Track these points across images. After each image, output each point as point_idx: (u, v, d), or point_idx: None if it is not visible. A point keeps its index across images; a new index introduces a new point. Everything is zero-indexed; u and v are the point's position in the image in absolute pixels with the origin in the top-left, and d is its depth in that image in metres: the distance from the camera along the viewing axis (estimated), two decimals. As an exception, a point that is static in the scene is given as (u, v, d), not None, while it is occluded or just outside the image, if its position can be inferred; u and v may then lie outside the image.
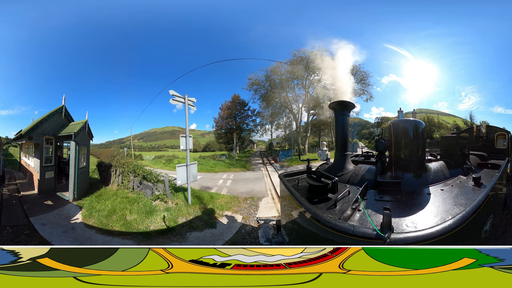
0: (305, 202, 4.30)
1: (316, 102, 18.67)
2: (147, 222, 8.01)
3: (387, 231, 3.11)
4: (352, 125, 12.37)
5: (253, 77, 18.59)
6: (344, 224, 3.46)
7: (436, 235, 3.04)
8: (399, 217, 3.71)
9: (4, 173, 10.83)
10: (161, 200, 9.03)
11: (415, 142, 5.13)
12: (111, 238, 7.31)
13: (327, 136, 21.70)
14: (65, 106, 10.11)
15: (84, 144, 10.13)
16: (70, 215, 8.22)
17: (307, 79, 18.07)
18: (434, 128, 18.87)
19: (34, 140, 9.30)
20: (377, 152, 5.52)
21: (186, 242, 7.32)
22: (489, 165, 6.47)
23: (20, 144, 12.16)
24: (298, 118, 19.99)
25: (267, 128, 22.33)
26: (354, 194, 4.58)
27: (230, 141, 21.13)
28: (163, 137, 26.78)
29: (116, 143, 20.69)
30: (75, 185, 9.28)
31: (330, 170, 6.30)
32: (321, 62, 13.49)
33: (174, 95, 8.91)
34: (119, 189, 10.20)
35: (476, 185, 4.68)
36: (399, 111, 6.41)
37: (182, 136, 9.12)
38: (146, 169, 10.49)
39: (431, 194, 4.48)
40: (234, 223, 8.59)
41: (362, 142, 22.96)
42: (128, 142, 20.38)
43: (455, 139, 6.25)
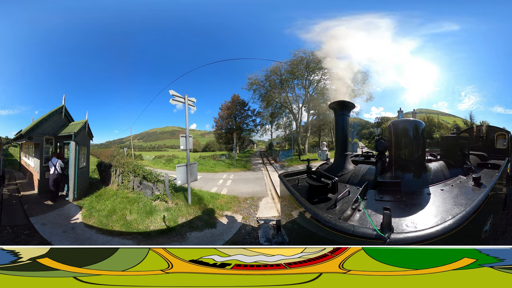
0: (305, 202, 4.30)
1: (317, 103, 18.69)
2: (147, 222, 8.01)
3: (387, 231, 3.10)
4: (352, 125, 12.36)
5: (253, 77, 18.60)
6: (344, 224, 3.46)
7: (436, 235, 3.04)
8: (399, 217, 3.71)
9: (4, 173, 10.83)
10: (161, 200, 9.03)
11: (415, 142, 5.13)
12: (111, 238, 7.31)
13: (327, 136, 21.69)
14: (65, 106, 10.12)
15: (84, 144, 10.13)
16: (70, 215, 8.21)
17: (307, 79, 18.08)
18: (434, 128, 18.86)
19: (34, 140, 9.30)
20: (377, 152, 5.52)
21: (186, 242, 7.32)
22: (489, 165, 6.47)
23: (20, 144, 12.16)
24: (298, 118, 20.00)
25: (267, 128, 22.33)
26: (354, 194, 4.58)
27: (230, 141, 21.13)
28: (163, 137, 26.76)
29: (116, 143, 20.68)
30: (75, 185, 9.28)
31: (330, 170, 6.30)
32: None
33: (174, 95, 8.91)
34: (119, 189, 10.20)
35: (476, 185, 4.68)
36: (399, 111, 6.40)
37: (182, 136, 9.12)
38: (146, 169, 10.50)
39: (431, 194, 4.48)
40: (234, 223, 8.59)
41: (362, 142, 22.95)
42: (128, 142, 20.37)
43: (455, 139, 6.25)
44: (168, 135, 26.72)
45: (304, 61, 17.07)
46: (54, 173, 8.84)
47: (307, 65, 17.20)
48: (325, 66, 16.45)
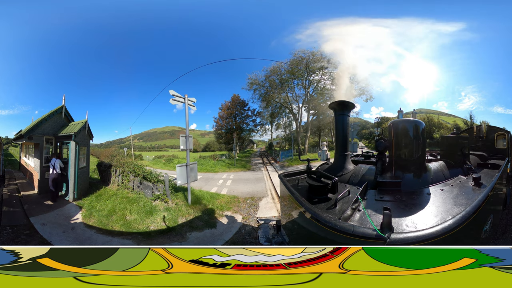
0: (305, 202, 4.30)
1: (317, 103, 18.69)
2: (147, 222, 8.01)
3: (387, 231, 3.11)
4: (352, 125, 12.36)
5: (253, 77, 18.60)
6: (344, 224, 3.46)
7: (436, 235, 3.04)
8: (399, 217, 3.71)
9: (4, 173, 10.82)
10: (161, 200, 9.03)
11: (415, 142, 5.13)
12: (111, 238, 7.31)
13: (327, 136, 21.69)
14: (65, 106, 10.11)
15: (84, 144, 10.13)
16: (70, 215, 8.21)
17: (307, 79, 18.08)
18: (434, 128, 18.85)
19: (34, 140, 9.30)
20: (377, 152, 5.52)
21: (186, 242, 7.32)
22: (489, 165, 6.47)
23: (20, 144, 12.16)
24: (298, 118, 20.00)
25: (267, 128, 22.33)
26: (354, 194, 4.58)
27: (230, 141, 21.14)
28: (163, 137, 26.76)
29: (116, 143, 20.67)
30: (75, 185, 9.28)
31: (330, 170, 6.30)
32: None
33: (174, 95, 8.91)
34: (119, 189, 10.20)
35: (476, 185, 4.68)
36: (399, 111, 6.40)
37: (182, 136, 9.12)
38: (146, 169, 10.50)
39: (431, 194, 4.48)
40: (234, 223, 8.59)
41: (362, 142, 22.94)
42: (128, 142, 20.37)
43: (455, 139, 6.25)
44: (168, 135, 26.72)
45: (304, 61, 17.07)
46: (53, 173, 8.84)
47: (307, 65, 17.20)
48: (326, 65, 16.46)
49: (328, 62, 16.31)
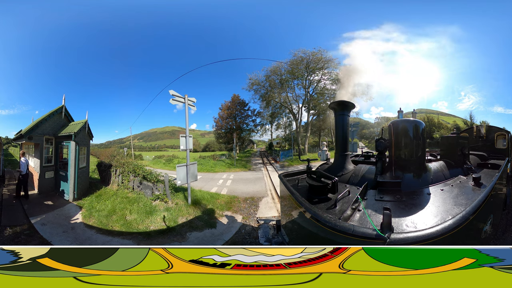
0: (305, 202, 4.30)
1: (317, 103, 18.68)
2: (147, 222, 8.01)
3: (387, 231, 3.11)
4: (352, 125, 12.36)
5: (253, 77, 18.61)
6: (344, 224, 3.46)
7: (436, 235, 3.04)
8: (399, 217, 3.71)
9: (4, 173, 10.82)
10: (161, 200, 9.03)
11: (415, 142, 5.13)
12: (111, 238, 7.30)
13: (327, 136, 21.70)
14: (65, 106, 10.12)
15: (84, 144, 10.13)
16: (70, 215, 8.22)
17: (307, 79, 18.08)
18: (434, 128, 18.87)
19: (34, 140, 9.30)
20: (377, 152, 5.52)
21: (186, 242, 7.32)
22: (489, 165, 6.47)
23: (20, 144, 12.15)
24: (298, 118, 20.01)
25: (267, 128, 22.35)
26: (354, 194, 4.57)
27: (230, 141, 21.14)
28: (163, 137, 26.78)
29: (116, 143, 20.69)
30: (75, 185, 9.28)
31: (330, 170, 6.30)
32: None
33: (174, 95, 8.91)
34: (119, 189, 10.21)
35: (476, 185, 4.68)
36: (399, 111, 6.40)
37: (182, 136, 9.12)
38: (146, 169, 10.50)
39: (431, 194, 4.48)
40: (234, 223, 8.58)
41: (362, 142, 22.95)
42: (128, 142, 20.38)
43: (455, 139, 6.25)
44: (168, 135, 26.74)
45: (304, 61, 17.08)
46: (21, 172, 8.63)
47: (307, 65, 17.21)
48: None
49: (330, 62, 16.31)
